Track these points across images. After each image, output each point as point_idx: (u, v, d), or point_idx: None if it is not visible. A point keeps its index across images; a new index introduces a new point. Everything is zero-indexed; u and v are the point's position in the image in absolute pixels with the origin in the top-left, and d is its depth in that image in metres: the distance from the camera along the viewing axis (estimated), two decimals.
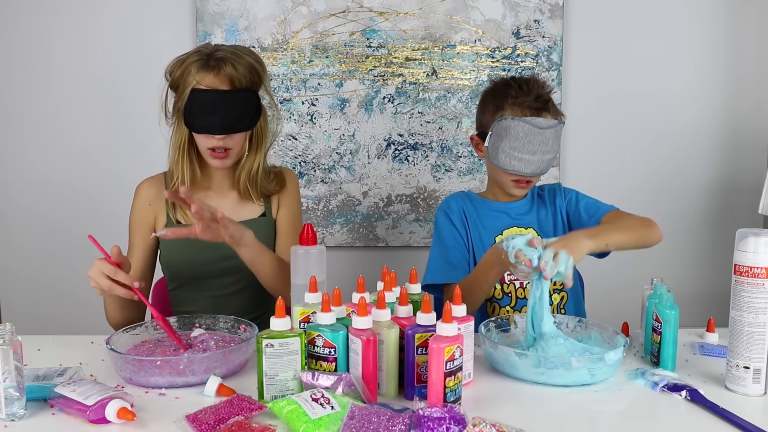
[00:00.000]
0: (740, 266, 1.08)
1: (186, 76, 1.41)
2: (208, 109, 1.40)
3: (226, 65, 1.41)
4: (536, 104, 1.47)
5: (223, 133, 1.42)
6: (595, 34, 2.28)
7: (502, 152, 1.46)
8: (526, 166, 1.46)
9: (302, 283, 1.22)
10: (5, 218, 2.26)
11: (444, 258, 1.56)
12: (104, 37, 2.20)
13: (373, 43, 2.21)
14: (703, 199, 2.37)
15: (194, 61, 1.41)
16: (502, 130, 1.45)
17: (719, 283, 2.38)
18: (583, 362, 1.11)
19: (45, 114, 2.22)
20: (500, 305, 1.53)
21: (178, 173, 1.49)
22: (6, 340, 0.97)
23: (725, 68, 2.32)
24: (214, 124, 1.40)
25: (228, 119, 1.41)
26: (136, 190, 1.55)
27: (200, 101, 1.40)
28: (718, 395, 1.08)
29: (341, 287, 1.12)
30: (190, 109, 1.41)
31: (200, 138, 1.44)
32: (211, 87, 1.40)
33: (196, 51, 1.45)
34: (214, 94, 1.40)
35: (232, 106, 1.41)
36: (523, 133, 1.43)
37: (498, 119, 1.47)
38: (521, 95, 1.48)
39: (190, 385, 1.12)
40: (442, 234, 1.59)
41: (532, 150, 1.44)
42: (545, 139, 1.44)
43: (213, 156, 1.45)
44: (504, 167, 1.47)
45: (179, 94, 1.44)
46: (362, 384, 1.03)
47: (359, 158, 2.26)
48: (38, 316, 2.26)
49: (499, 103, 1.50)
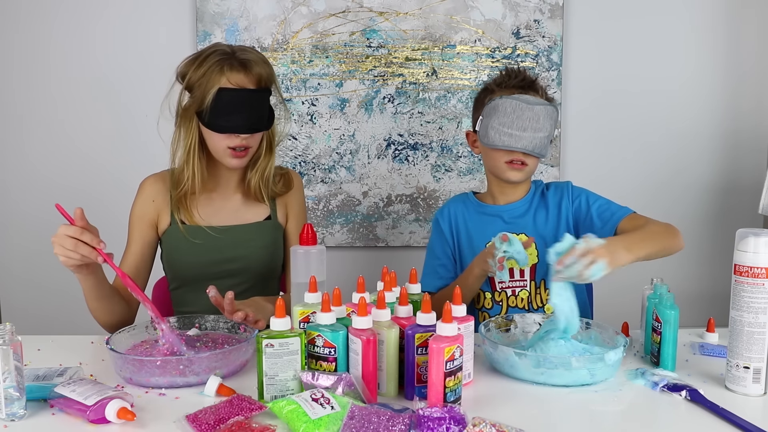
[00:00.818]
0: (740, 266, 1.08)
1: (210, 75, 1.39)
2: (235, 109, 1.39)
3: (256, 65, 1.42)
4: (522, 83, 1.51)
5: (249, 132, 1.42)
6: (595, 34, 2.28)
7: (491, 129, 1.45)
8: (517, 141, 1.43)
9: (302, 282, 1.22)
10: (5, 218, 2.26)
11: (433, 267, 1.61)
12: (104, 37, 2.20)
13: (373, 43, 2.21)
14: (703, 199, 2.37)
15: (218, 60, 1.40)
16: (491, 110, 1.46)
17: (719, 283, 2.38)
18: (583, 362, 1.11)
19: (45, 114, 2.22)
20: (490, 314, 1.52)
21: (188, 174, 1.47)
22: (6, 340, 0.97)
23: (725, 68, 2.32)
24: (240, 123, 1.40)
25: (253, 118, 1.42)
26: (141, 185, 1.55)
27: (227, 100, 1.39)
28: (718, 395, 1.08)
29: (341, 287, 1.12)
30: (215, 108, 1.39)
31: (220, 138, 1.42)
32: (239, 86, 1.40)
33: (215, 51, 1.42)
34: (243, 93, 1.40)
35: (257, 105, 1.42)
36: (511, 108, 1.43)
37: (487, 102, 1.49)
38: (508, 78, 1.52)
39: (190, 385, 1.12)
40: (433, 243, 1.63)
41: (522, 126, 1.43)
42: (535, 116, 1.43)
43: (233, 155, 1.44)
44: (494, 143, 1.45)
45: (198, 94, 1.41)
46: (362, 384, 1.03)
47: (359, 158, 2.26)
48: (38, 316, 2.26)
49: (489, 89, 1.54)
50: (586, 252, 1.12)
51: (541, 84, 1.55)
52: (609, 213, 1.47)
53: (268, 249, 1.57)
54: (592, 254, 1.12)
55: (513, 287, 1.53)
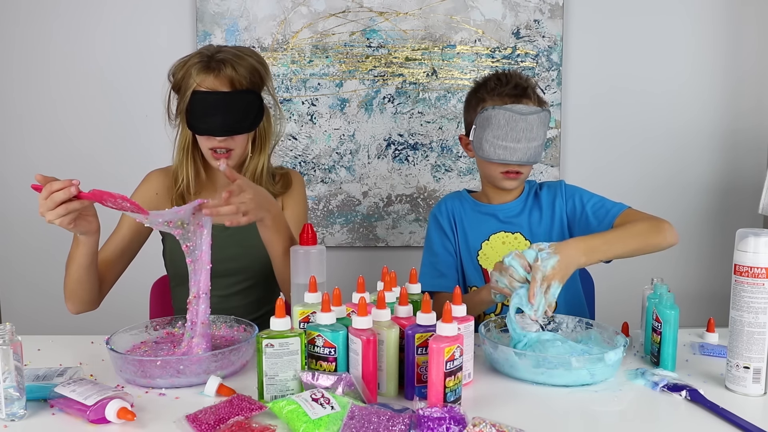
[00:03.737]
0: (740, 266, 1.08)
1: (187, 78, 1.41)
2: (209, 111, 1.39)
3: (226, 67, 1.40)
4: (515, 92, 1.48)
5: (223, 135, 1.41)
6: (595, 34, 2.28)
7: (486, 142, 1.45)
8: (512, 154, 1.43)
9: (302, 283, 1.22)
10: (5, 218, 2.26)
11: (432, 265, 1.57)
12: (104, 37, 2.20)
13: (373, 43, 2.21)
14: (703, 199, 2.37)
15: (195, 63, 1.41)
16: (484, 121, 1.45)
17: (719, 283, 2.38)
18: (582, 362, 1.11)
19: (45, 114, 2.23)
20: (484, 312, 1.52)
21: (182, 174, 1.49)
22: (6, 340, 0.97)
23: (725, 68, 2.32)
24: (214, 126, 1.40)
25: (229, 121, 1.41)
26: (147, 176, 1.55)
27: (201, 103, 1.39)
28: (718, 395, 1.08)
29: (341, 287, 1.11)
30: (192, 111, 1.40)
31: (202, 139, 1.44)
32: (211, 89, 1.40)
33: (198, 53, 1.44)
34: (215, 95, 1.40)
35: (233, 107, 1.41)
36: (504, 120, 1.42)
37: (480, 111, 1.47)
38: (500, 86, 1.49)
39: (190, 385, 1.12)
40: (431, 240, 1.60)
41: (516, 137, 1.42)
42: (528, 126, 1.42)
43: (215, 157, 1.45)
44: (489, 157, 1.45)
45: (181, 96, 1.44)
46: (362, 384, 1.03)
47: (359, 158, 2.26)
48: (38, 316, 2.26)
49: (480, 97, 1.52)
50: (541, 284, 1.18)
51: (533, 86, 1.52)
52: (604, 210, 1.47)
53: None
54: (545, 282, 1.18)
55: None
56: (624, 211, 1.45)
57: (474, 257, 1.55)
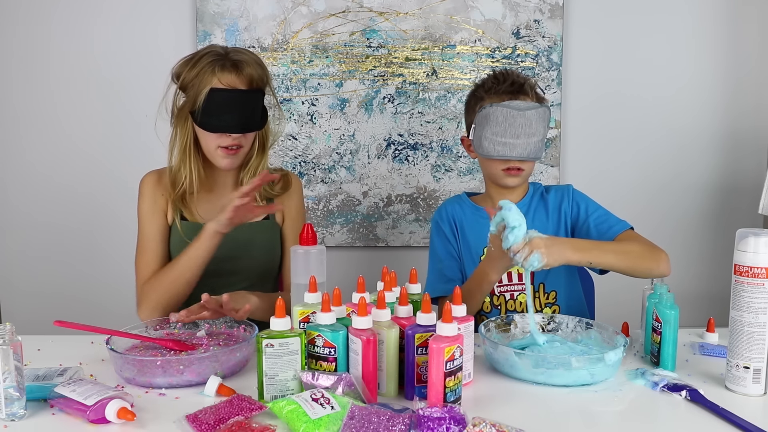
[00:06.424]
0: (740, 266, 1.08)
1: (203, 76, 1.42)
2: (227, 109, 1.41)
3: (248, 66, 1.44)
4: (512, 88, 1.49)
5: (240, 132, 1.44)
6: (595, 34, 2.28)
7: (485, 140, 1.45)
8: (511, 150, 1.44)
9: (302, 283, 1.22)
10: (5, 218, 2.26)
11: (439, 271, 1.57)
12: (104, 37, 2.20)
13: (373, 43, 2.21)
14: (703, 199, 2.37)
15: (211, 61, 1.42)
16: (482, 119, 1.46)
17: (719, 283, 2.37)
18: (582, 362, 1.11)
19: (44, 114, 2.22)
20: (488, 317, 1.52)
21: (185, 174, 1.49)
22: (6, 340, 0.97)
23: (725, 68, 2.32)
24: (232, 123, 1.42)
25: (244, 118, 1.43)
26: (143, 182, 1.55)
27: (219, 100, 1.41)
28: (718, 395, 1.08)
29: (341, 287, 1.12)
30: (207, 108, 1.41)
31: (212, 137, 1.44)
32: (231, 86, 1.41)
33: (209, 52, 1.45)
34: (234, 93, 1.42)
35: (248, 105, 1.44)
36: (502, 117, 1.43)
37: (478, 110, 1.48)
38: (497, 84, 1.51)
39: (190, 385, 1.12)
40: (435, 246, 1.61)
41: (515, 133, 1.43)
42: (527, 122, 1.42)
43: (225, 154, 1.45)
44: (489, 154, 1.46)
45: (191, 94, 1.43)
46: (362, 384, 1.03)
47: (359, 158, 2.26)
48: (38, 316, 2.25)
49: (478, 96, 1.53)
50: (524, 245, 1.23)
51: (531, 83, 1.53)
52: (606, 226, 1.49)
53: (266, 249, 1.57)
54: (529, 246, 1.22)
55: (511, 291, 1.53)
56: (626, 230, 1.47)
57: (476, 262, 1.54)
